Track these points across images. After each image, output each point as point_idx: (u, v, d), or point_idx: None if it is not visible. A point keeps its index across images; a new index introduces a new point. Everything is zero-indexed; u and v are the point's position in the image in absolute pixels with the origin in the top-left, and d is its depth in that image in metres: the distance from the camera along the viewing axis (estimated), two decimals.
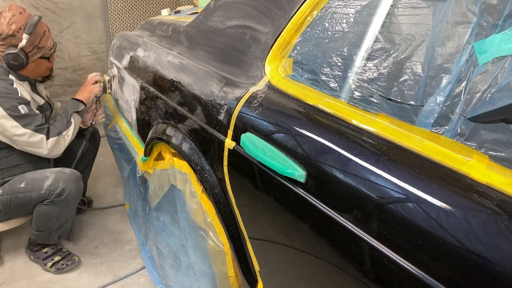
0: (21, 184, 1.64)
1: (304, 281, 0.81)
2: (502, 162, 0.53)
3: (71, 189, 1.65)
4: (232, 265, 1.11)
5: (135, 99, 1.53)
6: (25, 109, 1.59)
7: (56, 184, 1.62)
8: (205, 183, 1.06)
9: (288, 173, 0.74)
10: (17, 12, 1.58)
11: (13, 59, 1.58)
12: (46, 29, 1.67)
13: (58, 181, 1.63)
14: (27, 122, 1.58)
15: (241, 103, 0.93)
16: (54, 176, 1.64)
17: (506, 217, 0.48)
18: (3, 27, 1.56)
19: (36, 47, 1.64)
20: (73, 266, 1.79)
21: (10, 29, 1.56)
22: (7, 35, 1.56)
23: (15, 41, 1.58)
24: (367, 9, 0.79)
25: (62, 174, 1.66)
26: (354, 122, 0.71)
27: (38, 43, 1.64)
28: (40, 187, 1.62)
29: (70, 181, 1.66)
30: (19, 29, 1.58)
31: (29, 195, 1.62)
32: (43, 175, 1.65)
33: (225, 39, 1.13)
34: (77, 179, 1.70)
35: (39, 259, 1.79)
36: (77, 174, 1.71)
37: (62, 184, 1.62)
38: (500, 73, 0.55)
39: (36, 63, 1.68)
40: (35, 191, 1.62)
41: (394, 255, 0.57)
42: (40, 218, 1.67)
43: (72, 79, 2.95)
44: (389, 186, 0.59)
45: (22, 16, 1.59)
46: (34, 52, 1.64)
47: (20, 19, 1.58)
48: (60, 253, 1.81)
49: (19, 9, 1.60)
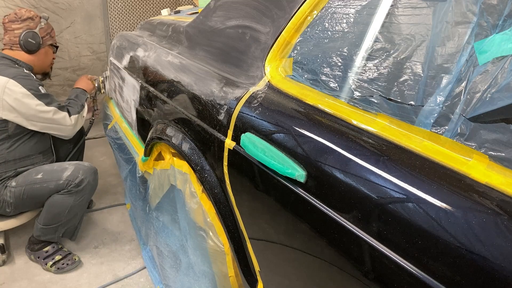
0: (38, 175, 1.70)
1: (304, 281, 0.81)
2: (502, 162, 0.53)
3: (89, 180, 1.73)
4: (232, 265, 1.11)
5: (135, 99, 1.53)
6: (44, 89, 1.73)
7: (76, 174, 1.69)
8: (205, 183, 1.06)
9: (288, 173, 0.74)
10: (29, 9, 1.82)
11: (32, 37, 1.74)
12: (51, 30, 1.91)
13: (77, 172, 1.70)
14: (49, 101, 1.71)
15: (241, 103, 0.93)
16: (74, 167, 1.72)
17: (506, 217, 0.48)
18: (22, 12, 1.77)
19: (48, 34, 1.85)
20: (74, 265, 1.79)
21: (30, 13, 1.78)
22: (28, 17, 1.76)
23: (33, 25, 1.77)
24: (367, 9, 0.79)
25: (82, 166, 1.75)
26: (354, 122, 0.71)
27: (50, 32, 1.88)
28: (59, 177, 1.68)
29: (89, 172, 1.73)
30: (37, 16, 1.81)
31: (46, 185, 1.67)
32: (62, 167, 1.73)
33: (225, 39, 1.13)
34: (95, 172, 1.78)
35: (39, 258, 1.79)
36: (94, 168, 1.79)
37: (81, 175, 1.70)
38: (500, 73, 0.55)
39: (45, 50, 1.86)
40: (53, 181, 1.68)
41: (394, 255, 0.57)
42: (52, 209, 1.70)
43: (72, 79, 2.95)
44: (389, 186, 0.59)
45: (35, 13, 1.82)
46: (47, 38, 1.85)
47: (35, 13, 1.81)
48: (60, 253, 1.82)
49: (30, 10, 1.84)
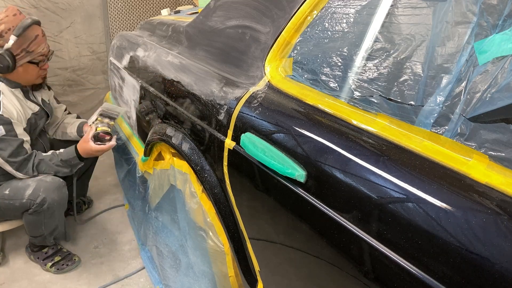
0: (6, 191, 1.59)
1: (304, 281, 0.81)
2: (502, 162, 0.53)
3: (53, 197, 1.58)
4: (232, 265, 1.11)
5: (135, 99, 1.53)
6: (2, 131, 1.48)
7: (37, 193, 1.55)
8: (205, 183, 1.06)
9: (288, 173, 0.74)
10: (11, 14, 1.52)
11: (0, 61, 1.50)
12: (39, 33, 1.58)
13: (38, 190, 1.56)
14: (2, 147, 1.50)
15: (241, 103, 0.93)
16: (35, 185, 1.56)
17: (506, 217, 0.48)
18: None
19: (24, 51, 1.54)
20: (74, 266, 1.79)
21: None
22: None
23: (2, 42, 1.50)
24: (367, 9, 0.79)
25: (43, 182, 1.58)
26: (354, 122, 0.71)
27: (27, 47, 1.54)
28: (22, 195, 1.56)
29: (51, 190, 1.58)
30: (8, 30, 1.50)
31: (12, 202, 1.58)
32: (25, 183, 1.58)
33: (225, 39, 1.13)
34: (58, 187, 1.61)
35: (39, 259, 1.79)
36: (58, 182, 1.61)
37: (42, 193, 1.55)
38: (500, 73, 0.55)
39: (24, 68, 1.58)
40: (17, 199, 1.57)
41: (394, 255, 0.57)
42: (29, 226, 1.66)
43: (72, 79, 2.95)
44: (389, 186, 0.59)
45: (15, 18, 1.52)
46: (22, 55, 1.54)
47: (11, 21, 1.51)
48: (60, 253, 1.81)
49: (14, 11, 1.54)
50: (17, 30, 1.50)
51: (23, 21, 1.52)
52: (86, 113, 3.02)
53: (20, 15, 1.55)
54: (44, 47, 1.61)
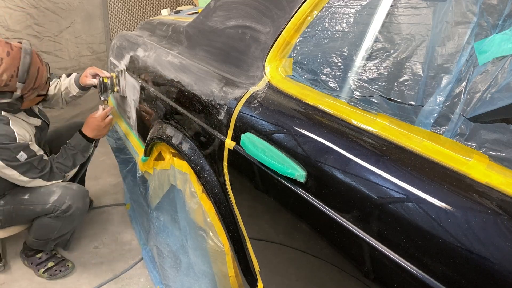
0: (25, 196, 1.59)
1: (304, 281, 0.81)
2: (502, 162, 0.53)
3: (78, 206, 1.61)
4: (232, 265, 1.11)
5: (135, 99, 1.53)
6: (24, 156, 1.48)
7: (63, 200, 1.57)
8: (205, 183, 1.06)
9: (288, 173, 0.74)
10: (5, 54, 1.36)
11: (8, 106, 1.45)
12: (39, 64, 1.48)
13: (64, 197, 1.58)
14: (26, 170, 1.51)
15: (241, 103, 0.93)
16: (61, 192, 1.58)
17: (506, 217, 0.48)
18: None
19: (32, 89, 1.48)
20: (67, 272, 1.77)
21: (1, 80, 1.36)
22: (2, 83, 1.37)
23: (8, 89, 1.40)
24: (367, 9, 0.79)
25: (69, 190, 1.60)
26: (354, 122, 0.71)
27: (34, 85, 1.47)
28: (45, 201, 1.57)
29: (77, 197, 1.61)
30: (11, 77, 1.38)
31: (32, 207, 1.58)
32: (49, 189, 1.59)
33: (225, 39, 1.13)
34: (84, 195, 1.65)
35: (32, 264, 1.77)
36: (84, 190, 1.67)
37: (68, 201, 1.58)
38: (500, 73, 0.55)
39: (31, 100, 1.56)
40: (39, 204, 1.58)
41: (394, 255, 0.57)
42: (41, 228, 1.65)
43: None
44: (389, 186, 0.59)
45: (12, 59, 1.37)
46: (30, 93, 1.49)
47: (10, 65, 1.37)
48: (54, 259, 1.79)
49: (6, 48, 1.37)
50: (21, 76, 1.39)
51: (23, 63, 1.39)
52: (86, 113, 3.02)
53: (13, 50, 1.39)
54: (45, 74, 1.54)
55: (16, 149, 1.47)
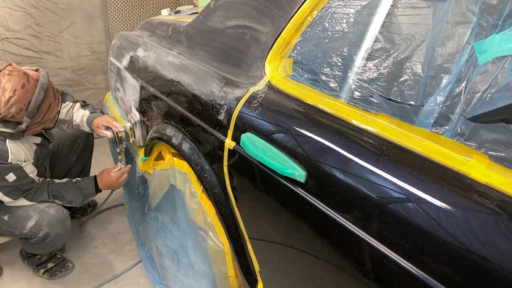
0: (5, 217, 1.54)
1: (304, 281, 0.81)
2: (502, 162, 0.53)
3: (57, 232, 1.54)
4: (232, 265, 1.11)
5: (135, 99, 1.53)
6: (12, 177, 1.42)
7: (39, 227, 1.50)
8: (205, 183, 1.06)
9: (288, 173, 0.74)
10: (20, 86, 1.31)
11: (10, 136, 1.41)
12: (52, 100, 1.43)
13: (41, 224, 1.50)
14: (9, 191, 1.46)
15: (241, 103, 0.93)
16: (38, 217, 1.50)
17: (506, 217, 0.48)
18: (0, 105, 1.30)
19: (38, 123, 1.44)
20: (67, 272, 1.77)
21: (9, 112, 1.32)
22: (5, 117, 1.33)
23: (14, 120, 1.36)
24: (367, 9, 0.79)
25: (46, 215, 1.51)
26: (354, 122, 0.71)
27: (41, 120, 1.43)
28: (23, 226, 1.51)
29: (55, 223, 1.52)
30: (20, 110, 1.33)
31: (12, 230, 1.54)
32: (27, 213, 1.52)
33: (225, 39, 1.13)
34: (62, 220, 1.55)
35: (32, 265, 1.76)
36: (62, 214, 1.56)
37: (45, 228, 1.50)
38: (500, 73, 0.55)
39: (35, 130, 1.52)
40: (17, 229, 1.53)
41: (394, 255, 0.57)
42: (28, 247, 1.64)
43: (72, 79, 2.95)
44: (389, 186, 0.59)
45: (26, 92, 1.32)
46: (35, 126, 1.45)
47: (22, 98, 1.32)
48: (53, 260, 1.78)
49: (22, 80, 1.32)
50: (30, 112, 1.35)
51: (36, 99, 1.34)
52: None
53: (29, 82, 1.34)
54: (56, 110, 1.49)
55: (6, 170, 1.41)
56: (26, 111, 1.34)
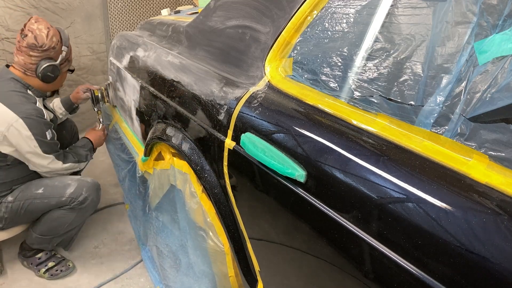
0: (39, 190, 1.63)
1: (304, 281, 0.81)
2: (502, 162, 0.53)
3: (93, 197, 1.68)
4: (232, 265, 1.11)
5: (135, 99, 1.53)
6: (50, 134, 1.61)
7: (79, 191, 1.64)
8: (205, 183, 1.06)
9: (288, 173, 0.74)
10: (49, 25, 1.60)
11: (52, 71, 1.61)
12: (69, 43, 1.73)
13: (81, 189, 1.64)
14: (47, 149, 1.60)
15: (241, 103, 0.93)
16: (77, 184, 1.65)
17: (506, 217, 0.48)
18: (44, 39, 1.55)
19: (67, 60, 1.70)
20: (68, 272, 1.77)
21: (52, 41, 1.58)
22: (49, 47, 1.57)
23: (54, 54, 1.61)
24: (367, 9, 0.79)
25: (85, 182, 1.68)
26: (354, 122, 0.71)
27: (69, 56, 1.71)
28: (61, 194, 1.62)
29: (92, 189, 1.68)
30: (58, 41, 1.61)
31: (47, 201, 1.62)
32: (64, 182, 1.66)
33: (225, 39, 1.13)
34: (98, 188, 1.73)
35: (32, 265, 1.76)
36: (98, 184, 1.74)
37: (85, 192, 1.64)
38: (500, 73, 0.55)
39: (62, 76, 1.72)
40: (55, 197, 1.62)
41: (394, 255, 0.57)
42: (52, 222, 1.65)
43: (72, 79, 2.95)
44: (389, 186, 0.59)
45: (54, 29, 1.62)
46: (65, 65, 1.70)
47: (56, 32, 1.61)
48: (54, 259, 1.78)
49: (47, 24, 1.61)
50: (66, 41, 1.64)
51: (64, 32, 1.65)
52: (86, 112, 3.02)
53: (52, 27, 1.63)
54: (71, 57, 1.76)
55: (46, 125, 1.59)
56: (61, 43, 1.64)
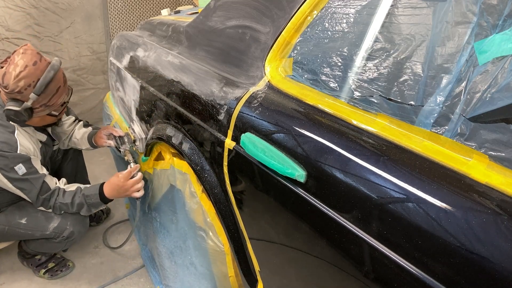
0: (22, 220, 1.54)
1: (304, 281, 0.81)
2: (502, 162, 0.53)
3: (79, 230, 1.60)
4: (232, 265, 1.11)
5: (135, 99, 1.53)
6: (22, 169, 1.40)
7: (63, 226, 1.54)
8: (205, 183, 1.06)
9: (288, 173, 0.74)
10: (31, 63, 1.34)
11: (15, 115, 1.36)
12: (61, 84, 1.43)
13: (65, 224, 1.54)
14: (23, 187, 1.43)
15: (241, 103, 0.93)
16: (61, 218, 1.54)
17: (506, 217, 0.48)
18: (10, 79, 1.31)
19: (44, 105, 1.41)
20: (67, 272, 1.76)
21: (17, 85, 1.32)
22: (13, 91, 1.33)
23: (21, 97, 1.35)
24: (367, 9, 0.79)
25: (69, 215, 1.55)
26: (354, 122, 0.71)
27: (48, 102, 1.41)
28: (44, 228, 1.53)
29: (77, 221, 1.57)
30: (28, 86, 1.33)
31: (31, 233, 1.55)
32: (48, 215, 1.54)
33: (225, 39, 1.13)
34: (84, 218, 1.62)
35: (32, 265, 1.75)
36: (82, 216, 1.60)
37: (70, 227, 1.55)
38: (500, 73, 0.55)
39: (41, 118, 1.48)
40: (38, 231, 1.54)
41: (394, 255, 0.57)
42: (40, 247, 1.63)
43: (72, 79, 2.95)
44: (389, 186, 0.59)
45: (36, 69, 1.34)
46: (41, 109, 1.42)
47: (32, 74, 1.33)
48: (54, 260, 1.77)
49: (34, 58, 1.35)
50: (39, 88, 1.34)
51: (45, 76, 1.35)
52: (86, 113, 3.02)
53: (41, 62, 1.37)
54: (64, 97, 1.48)
55: (15, 159, 1.39)
56: (33, 88, 1.34)
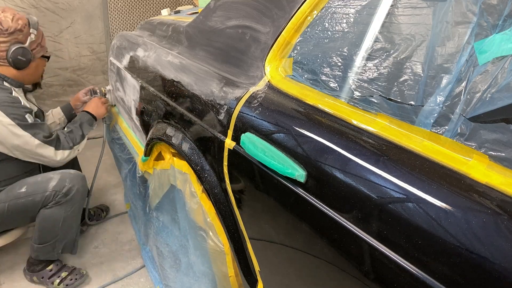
0: (22, 189, 1.57)
1: (304, 281, 0.81)
2: (502, 162, 0.53)
3: (78, 187, 1.61)
4: (232, 265, 1.11)
5: (135, 99, 1.53)
6: (31, 118, 1.54)
7: (62, 183, 1.58)
8: (205, 183, 1.06)
9: (288, 173, 0.74)
10: (15, 12, 1.57)
11: (23, 54, 1.55)
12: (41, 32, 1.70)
13: (64, 181, 1.59)
14: (36, 132, 1.53)
15: (241, 103, 0.93)
16: (60, 176, 1.60)
17: (506, 217, 0.48)
18: (9, 22, 1.51)
19: (39, 45, 1.64)
20: (83, 279, 1.72)
21: (18, 23, 1.53)
22: (15, 29, 1.52)
23: (22, 37, 1.55)
24: (367, 9, 0.79)
25: (67, 173, 1.63)
26: (354, 122, 0.71)
27: (41, 41, 1.65)
28: (45, 188, 1.56)
29: (76, 179, 1.62)
30: (26, 24, 1.56)
31: (31, 198, 1.56)
32: (47, 177, 1.60)
33: (225, 39, 1.13)
34: (82, 178, 1.67)
35: (44, 278, 1.69)
36: (81, 174, 1.68)
37: (68, 183, 1.58)
38: (500, 73, 0.55)
39: (36, 63, 1.66)
40: (38, 193, 1.56)
41: (394, 255, 0.57)
42: (44, 225, 1.59)
43: (72, 79, 2.95)
44: (389, 186, 0.59)
45: (21, 14, 1.58)
46: (38, 49, 1.64)
47: (22, 17, 1.57)
48: (66, 269, 1.72)
49: (13, 10, 1.58)
50: (34, 24, 1.59)
51: (32, 18, 1.60)
52: None
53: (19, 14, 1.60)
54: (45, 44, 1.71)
55: (24, 108, 1.54)
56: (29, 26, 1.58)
